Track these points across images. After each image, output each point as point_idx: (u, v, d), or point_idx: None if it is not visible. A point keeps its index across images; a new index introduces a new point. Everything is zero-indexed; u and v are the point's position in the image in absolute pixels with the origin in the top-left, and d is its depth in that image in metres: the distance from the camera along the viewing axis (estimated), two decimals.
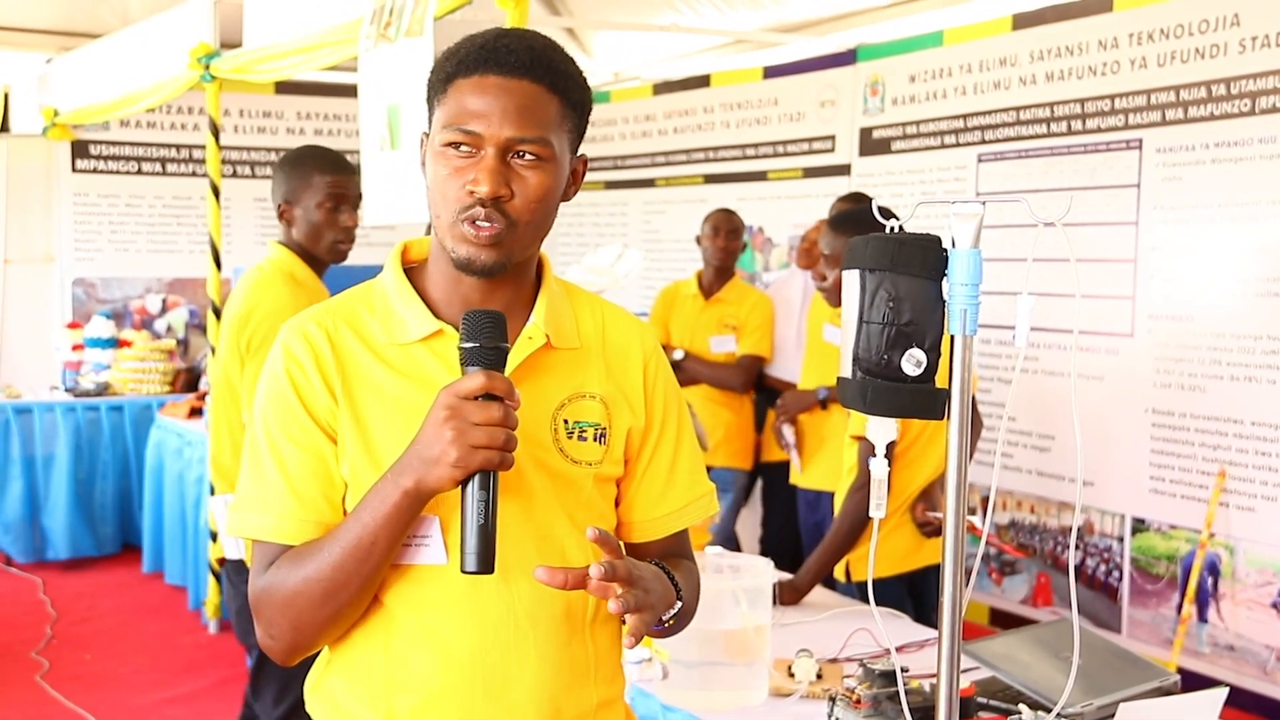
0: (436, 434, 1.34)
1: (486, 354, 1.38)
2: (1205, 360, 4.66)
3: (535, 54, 1.45)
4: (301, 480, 1.46)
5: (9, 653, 5.26)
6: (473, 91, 1.43)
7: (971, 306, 1.37)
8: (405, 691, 1.47)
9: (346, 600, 1.42)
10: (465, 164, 1.43)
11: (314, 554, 1.42)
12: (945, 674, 1.42)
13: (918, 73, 5.85)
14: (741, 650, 2.38)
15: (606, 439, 1.54)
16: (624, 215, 7.65)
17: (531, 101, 1.44)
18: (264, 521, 1.46)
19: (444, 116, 1.45)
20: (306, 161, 3.25)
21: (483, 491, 1.35)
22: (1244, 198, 4.51)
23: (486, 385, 1.34)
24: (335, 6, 4.35)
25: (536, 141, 1.43)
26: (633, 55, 7.74)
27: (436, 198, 1.46)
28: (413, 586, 1.46)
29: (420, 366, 1.48)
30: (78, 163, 7.61)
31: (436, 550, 1.45)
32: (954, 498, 1.40)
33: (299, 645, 1.47)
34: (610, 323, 1.61)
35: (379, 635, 1.48)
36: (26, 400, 6.80)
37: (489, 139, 1.42)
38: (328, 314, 1.52)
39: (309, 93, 7.95)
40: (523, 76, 1.44)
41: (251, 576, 1.48)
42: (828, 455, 4.48)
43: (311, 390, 1.47)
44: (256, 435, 1.49)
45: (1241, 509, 4.56)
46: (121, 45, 6.43)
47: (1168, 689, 2.35)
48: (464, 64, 1.44)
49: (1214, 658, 4.64)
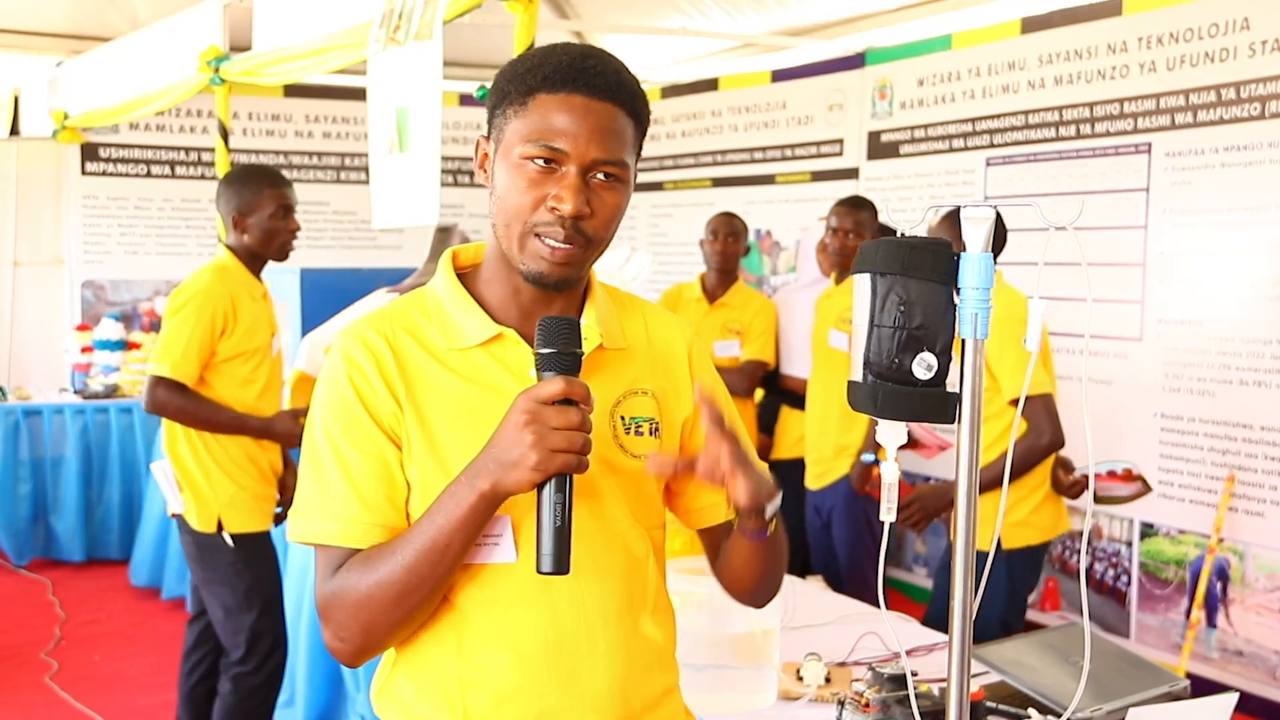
0: (516, 438, 1.36)
1: (563, 359, 1.40)
2: (1214, 364, 4.65)
3: (620, 78, 1.49)
4: (366, 484, 1.47)
5: (18, 654, 5.28)
6: (560, 109, 1.45)
7: (982, 310, 1.37)
8: (479, 690, 1.49)
9: (419, 601, 1.44)
10: (544, 179, 1.45)
11: (386, 557, 1.43)
12: (956, 678, 1.42)
13: (926, 76, 5.85)
14: (750, 653, 2.38)
15: (660, 433, 1.59)
16: (632, 218, 7.66)
17: (615, 124, 1.47)
18: (329, 527, 1.48)
19: (525, 129, 1.46)
20: (255, 178, 3.76)
21: (559, 494, 1.38)
22: (1254, 202, 4.50)
23: (566, 390, 1.36)
24: (344, 10, 4.35)
25: (617, 164, 1.47)
26: (641, 59, 7.74)
27: (510, 209, 1.47)
28: (483, 586, 1.49)
29: (481, 370, 1.51)
30: (87, 165, 7.63)
31: (507, 549, 1.47)
32: (964, 502, 1.40)
33: (369, 647, 1.49)
34: (651, 321, 1.67)
35: (450, 635, 1.50)
36: (36, 402, 6.82)
37: (574, 158, 1.45)
38: (385, 321, 1.54)
39: (318, 96, 7.97)
40: (608, 99, 1.47)
41: (318, 582, 1.49)
42: (843, 461, 4.49)
43: (375, 395, 1.49)
44: (317, 441, 1.50)
45: (1250, 514, 4.55)
46: (131, 49, 6.44)
47: (1177, 694, 2.35)
48: (550, 80, 1.46)
49: (1223, 663, 4.63)
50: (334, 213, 8.15)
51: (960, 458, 1.40)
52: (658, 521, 1.62)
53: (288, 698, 4.24)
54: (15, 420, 6.70)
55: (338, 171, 8.16)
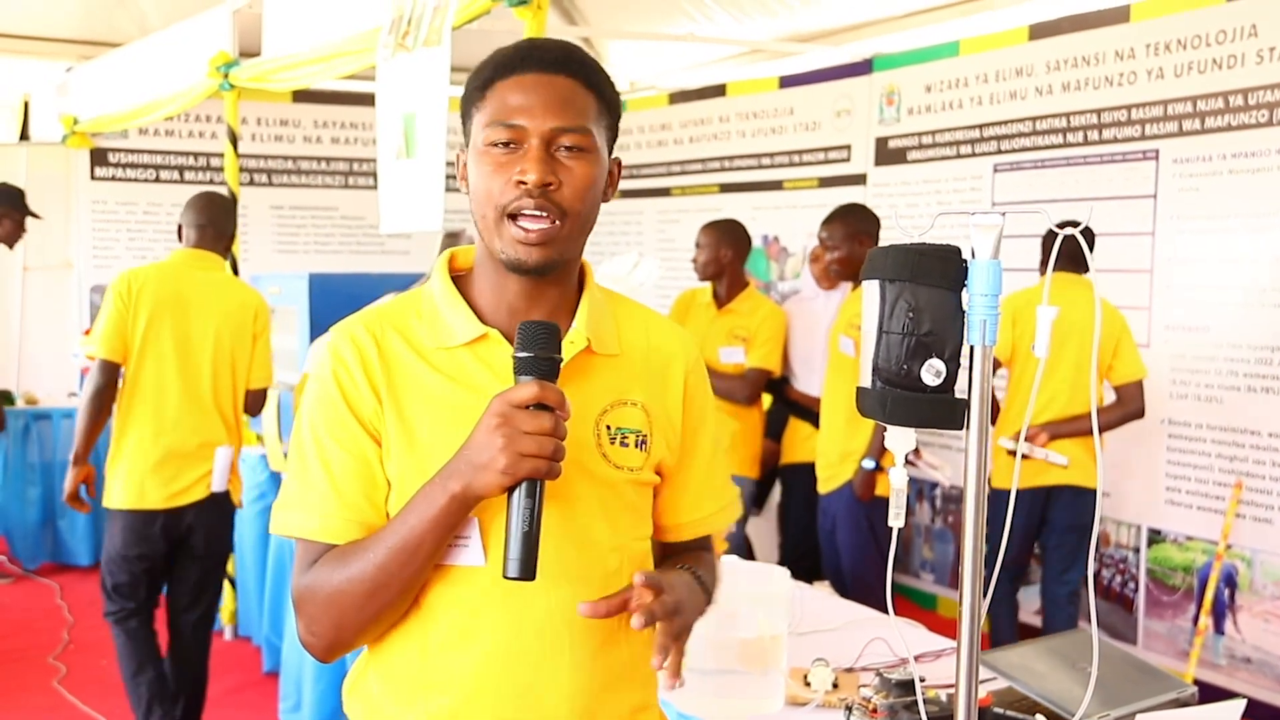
0: (487, 440, 1.36)
1: (540, 364, 1.40)
2: (1222, 371, 4.65)
3: (569, 51, 1.51)
4: (345, 481, 1.48)
5: (27, 658, 5.29)
6: (513, 89, 1.47)
7: (991, 317, 1.37)
8: (440, 692, 1.49)
9: (389, 600, 1.45)
10: (510, 159, 1.46)
11: (358, 554, 1.44)
12: (964, 684, 1.42)
13: (934, 82, 5.85)
14: (757, 659, 2.38)
15: (648, 446, 1.57)
16: (639, 224, 7.67)
17: (570, 94, 1.48)
18: (307, 521, 1.48)
19: (484, 117, 1.48)
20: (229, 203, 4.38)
21: (529, 499, 1.38)
22: (1261, 208, 4.50)
23: (539, 395, 1.36)
24: (354, 16, 4.37)
25: (579, 131, 1.47)
26: (649, 65, 7.76)
27: (481, 198, 1.48)
28: (450, 587, 1.48)
29: (465, 370, 1.50)
30: (96, 170, 7.65)
31: (475, 552, 1.46)
32: (973, 507, 1.40)
33: (340, 643, 1.49)
34: (654, 331, 1.64)
35: (416, 635, 1.50)
36: (45, 406, 6.84)
37: (533, 131, 1.45)
38: (376, 319, 1.55)
39: (326, 101, 7.99)
40: (560, 72, 1.48)
41: (294, 574, 1.51)
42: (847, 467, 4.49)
43: (357, 393, 1.49)
44: (302, 436, 1.51)
45: (1258, 520, 4.54)
46: (141, 54, 6.47)
47: (1185, 701, 2.35)
48: (501, 66, 1.49)
49: (1231, 670, 4.62)
50: (342, 218, 8.16)
51: (969, 464, 1.40)
52: (641, 534, 1.59)
53: (294, 703, 4.25)
54: (24, 424, 6.72)
55: (346, 177, 8.18)
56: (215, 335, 4.02)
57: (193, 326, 3.99)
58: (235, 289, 4.22)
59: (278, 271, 6.53)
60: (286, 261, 7.88)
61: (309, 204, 8.10)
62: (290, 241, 8.04)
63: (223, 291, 4.11)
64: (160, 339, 3.93)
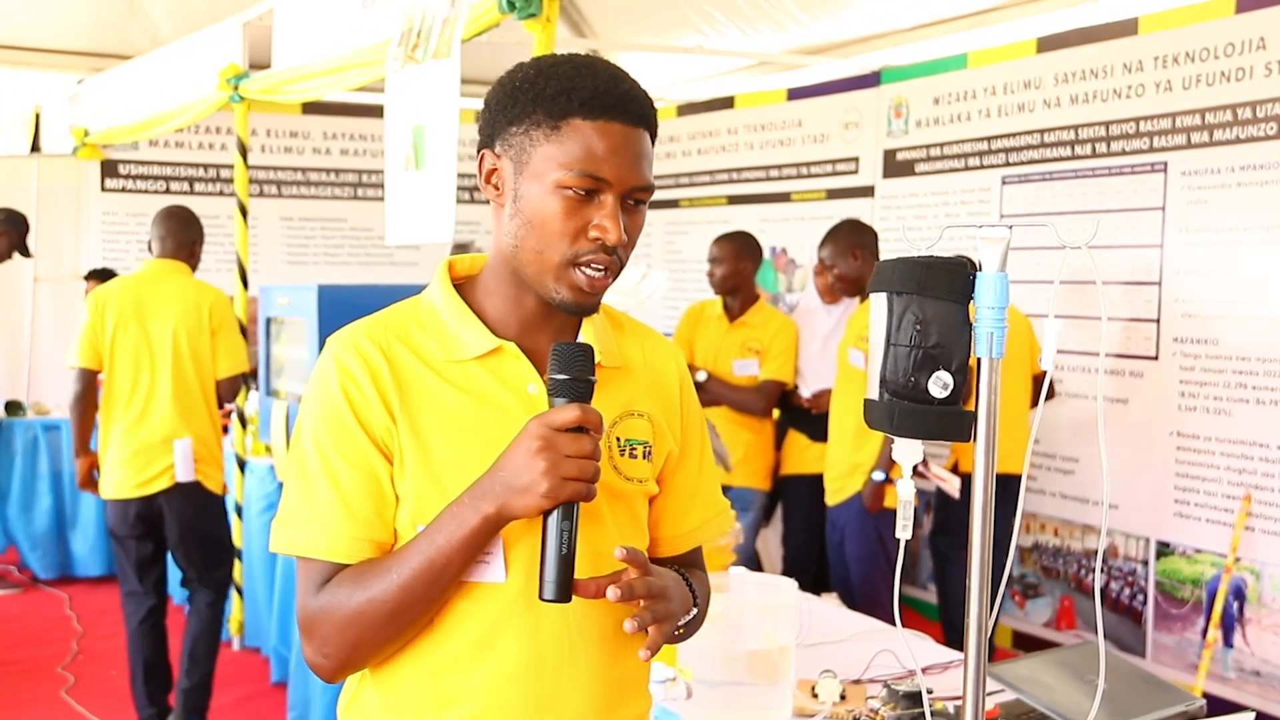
0: (528, 463, 1.34)
1: (578, 386, 1.39)
2: (1230, 384, 4.64)
3: (649, 104, 1.49)
4: (355, 498, 1.44)
5: (35, 668, 5.30)
6: (599, 136, 1.42)
7: (998, 329, 1.37)
8: (452, 709, 1.47)
9: (410, 621, 1.43)
10: (583, 207, 1.43)
11: (379, 574, 1.41)
12: (971, 696, 1.42)
13: (942, 95, 5.86)
14: (765, 670, 2.38)
15: (652, 456, 1.57)
16: (647, 236, 7.68)
17: (647, 150, 1.47)
18: (315, 540, 1.44)
19: (563, 156, 1.42)
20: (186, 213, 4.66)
21: (566, 521, 1.37)
22: (1270, 221, 4.50)
23: (581, 418, 1.36)
24: (363, 28, 4.38)
25: (649, 189, 1.48)
26: (657, 77, 7.77)
27: (547, 235, 1.44)
28: (469, 603, 1.45)
29: (478, 384, 1.48)
30: (107, 182, 7.68)
31: (497, 569, 1.45)
32: (979, 519, 1.41)
33: (352, 664, 1.47)
34: (648, 344, 1.64)
35: (426, 652, 1.47)
36: (55, 417, 6.86)
37: (616, 187, 1.43)
38: (379, 329, 1.51)
39: (335, 113, 8.01)
40: (641, 125, 1.46)
41: (301, 595, 1.46)
42: (856, 479, 4.49)
43: (368, 406, 1.45)
44: (305, 449, 1.47)
45: (1267, 533, 4.53)
46: (151, 66, 6.50)
47: (1193, 714, 2.34)
48: (587, 106, 1.42)
49: (1239, 683, 4.60)
50: (351, 229, 8.19)
51: (976, 475, 1.41)
52: (644, 544, 1.59)
53: (299, 715, 4.25)
54: (34, 435, 6.74)
55: (355, 188, 8.20)
56: (173, 336, 4.39)
57: (152, 330, 4.38)
58: (190, 290, 4.51)
59: (287, 283, 6.55)
60: (296, 273, 7.91)
61: (318, 215, 8.12)
62: (299, 253, 8.07)
63: (179, 294, 4.46)
64: (125, 344, 4.35)
